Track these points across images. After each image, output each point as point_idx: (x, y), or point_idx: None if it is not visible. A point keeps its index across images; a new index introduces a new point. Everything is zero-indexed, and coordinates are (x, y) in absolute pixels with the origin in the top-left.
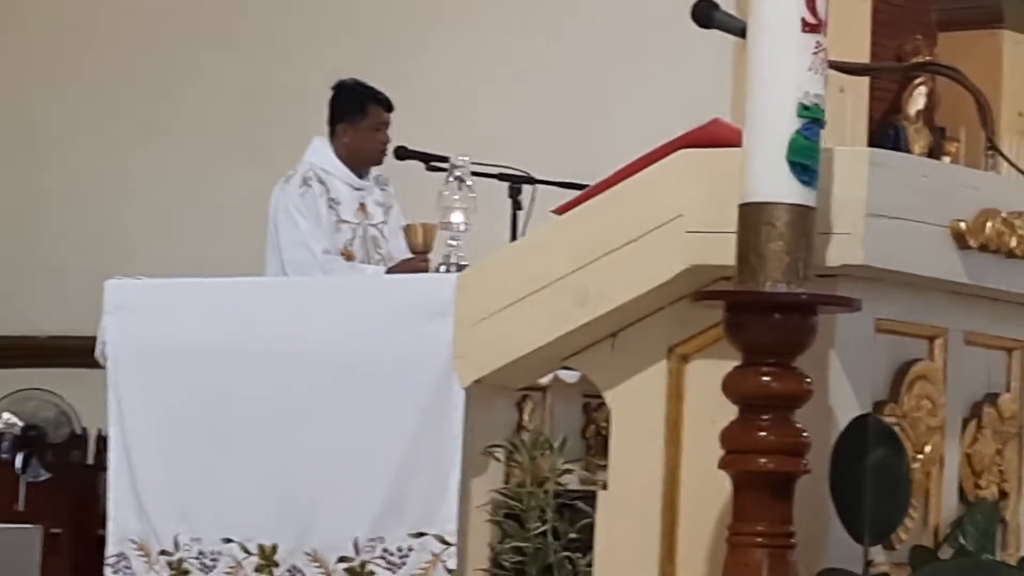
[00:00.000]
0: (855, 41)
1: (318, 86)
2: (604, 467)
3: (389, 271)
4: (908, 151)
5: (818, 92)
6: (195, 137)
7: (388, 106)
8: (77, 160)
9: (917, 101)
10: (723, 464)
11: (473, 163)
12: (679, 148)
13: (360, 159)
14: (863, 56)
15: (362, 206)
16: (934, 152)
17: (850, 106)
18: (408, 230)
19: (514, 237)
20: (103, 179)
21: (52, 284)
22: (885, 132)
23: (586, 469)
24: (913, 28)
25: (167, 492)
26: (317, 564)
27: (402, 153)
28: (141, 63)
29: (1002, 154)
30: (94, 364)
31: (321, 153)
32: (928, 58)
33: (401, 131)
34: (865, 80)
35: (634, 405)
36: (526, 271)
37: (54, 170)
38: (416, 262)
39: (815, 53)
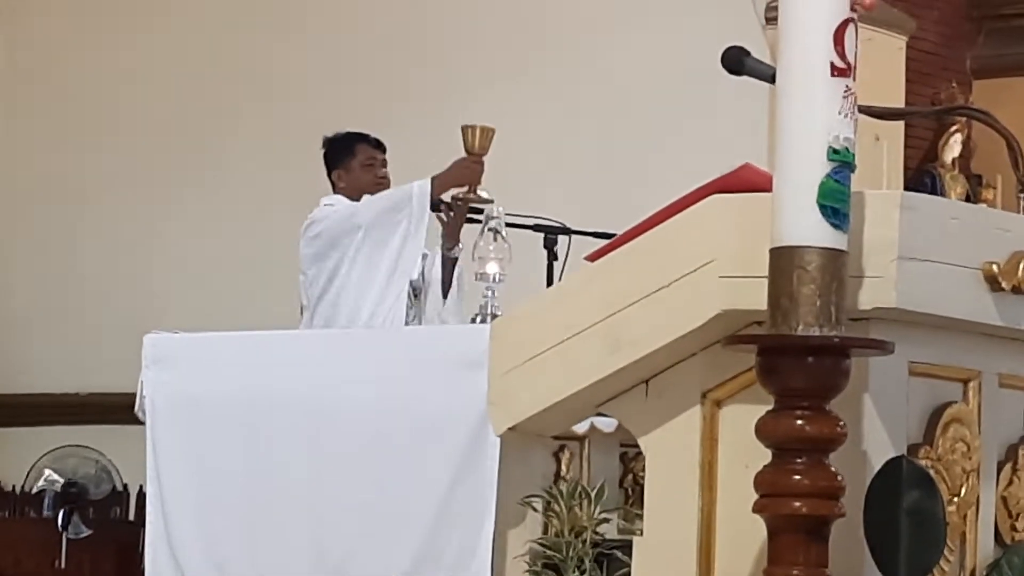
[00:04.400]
0: (890, 89)
1: None
2: (642, 516)
3: (436, 176)
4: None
5: (848, 136)
6: (230, 191)
7: (377, 144)
8: (114, 216)
9: (953, 148)
10: (758, 508)
11: (508, 214)
12: (710, 193)
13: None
14: (898, 103)
15: None
16: (970, 199)
17: (886, 154)
18: (465, 131)
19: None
20: (140, 234)
21: (91, 340)
22: (921, 179)
23: (624, 519)
24: (948, 76)
25: (203, 544)
26: None
27: (437, 205)
28: (176, 118)
29: None
30: (134, 420)
31: (334, 201)
32: None
33: None
34: (901, 128)
35: (668, 450)
36: (559, 318)
37: (91, 225)
38: (468, 162)
39: (844, 97)
